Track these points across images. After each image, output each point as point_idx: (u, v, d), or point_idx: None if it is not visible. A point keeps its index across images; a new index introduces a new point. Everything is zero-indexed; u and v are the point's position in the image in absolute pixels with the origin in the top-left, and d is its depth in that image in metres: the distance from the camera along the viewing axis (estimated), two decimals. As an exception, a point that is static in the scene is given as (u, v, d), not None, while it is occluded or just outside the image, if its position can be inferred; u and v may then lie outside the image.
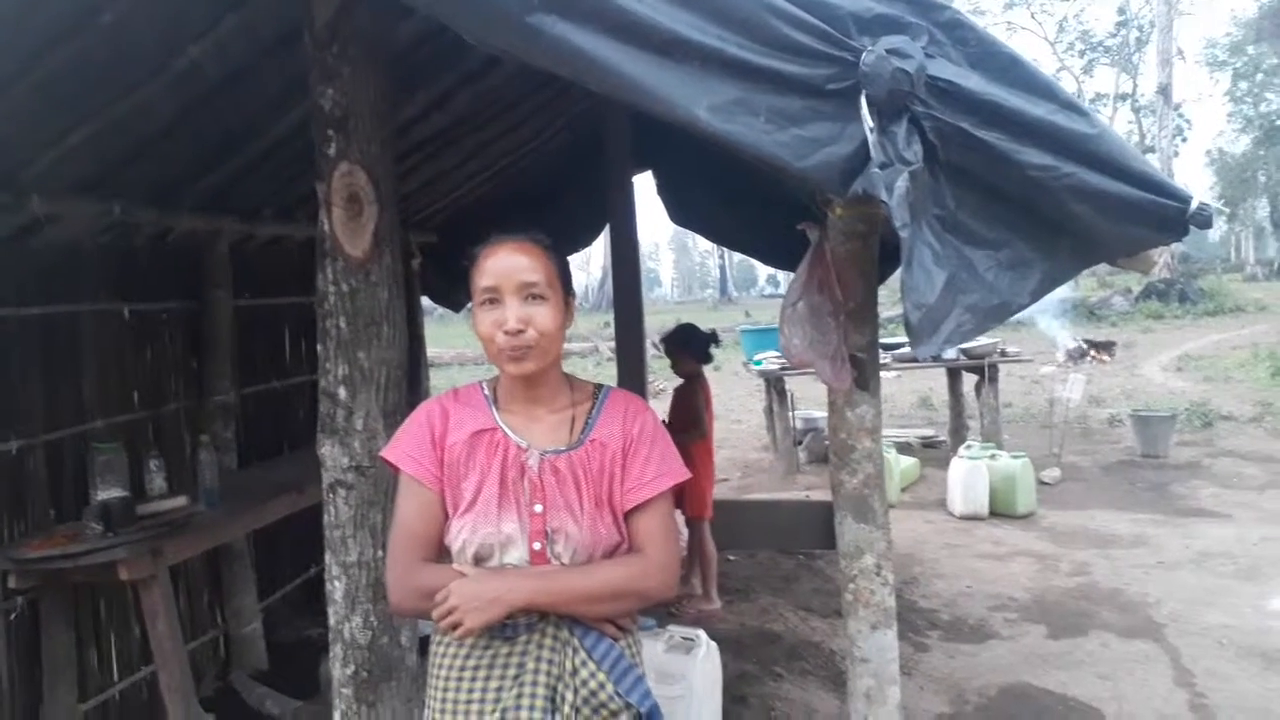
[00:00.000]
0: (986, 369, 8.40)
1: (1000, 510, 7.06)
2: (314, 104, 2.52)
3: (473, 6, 1.72)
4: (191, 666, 4.26)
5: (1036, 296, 1.84)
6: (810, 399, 10.79)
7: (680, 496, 5.17)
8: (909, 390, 13.27)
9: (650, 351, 7.54)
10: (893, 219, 1.62)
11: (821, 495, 7.16)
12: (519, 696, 1.72)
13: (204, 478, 3.73)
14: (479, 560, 1.74)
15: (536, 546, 1.74)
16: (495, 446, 1.78)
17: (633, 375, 6.70)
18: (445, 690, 1.76)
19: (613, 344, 8.23)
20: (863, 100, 1.66)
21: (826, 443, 6.29)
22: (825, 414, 5.96)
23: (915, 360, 9.11)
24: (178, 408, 4.36)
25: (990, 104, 1.69)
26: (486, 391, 1.87)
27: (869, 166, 1.68)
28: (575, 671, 1.74)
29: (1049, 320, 17.07)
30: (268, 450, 4.91)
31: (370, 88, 2.53)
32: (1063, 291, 20.54)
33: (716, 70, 1.71)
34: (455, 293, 7.17)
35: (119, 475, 3.38)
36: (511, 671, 1.74)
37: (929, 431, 10.13)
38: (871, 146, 1.68)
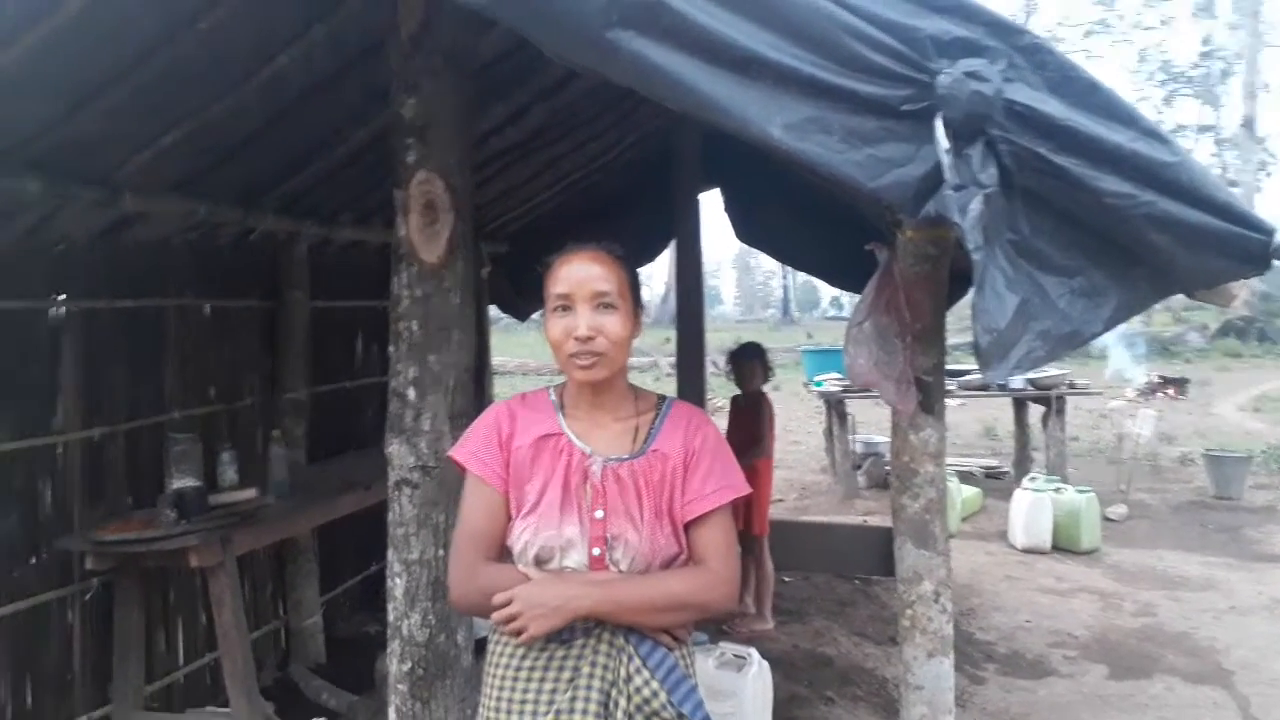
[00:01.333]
0: (1053, 400, 8.23)
1: (1063, 545, 6.90)
2: (395, 112, 2.59)
3: (553, 21, 1.76)
4: (254, 655, 4.40)
5: (1110, 326, 1.81)
6: (871, 422, 10.67)
7: (739, 513, 5.16)
8: (974, 419, 13.03)
9: (709, 369, 7.53)
10: (965, 242, 1.62)
11: (880, 520, 7.09)
12: (573, 700, 1.74)
13: (275, 471, 3.84)
14: (540, 563, 1.77)
15: (596, 552, 1.76)
16: (560, 451, 1.81)
17: (693, 390, 6.71)
18: (500, 690, 1.79)
19: (673, 359, 8.23)
20: (938, 122, 1.66)
21: (887, 468, 6.24)
22: (886, 438, 5.92)
23: (984, 388, 8.98)
24: (252, 403, 4.49)
25: (1068, 129, 1.68)
26: (554, 397, 1.90)
27: (943, 188, 1.68)
28: (629, 679, 1.75)
29: (1121, 353, 16.64)
30: (336, 448, 5.02)
31: (450, 98, 2.60)
32: (1135, 325, 20.03)
33: (792, 89, 1.73)
34: (523, 302, 7.28)
35: (193, 465, 3.49)
36: (567, 675, 1.76)
37: (993, 462, 9.94)
38: (945, 169, 1.68)
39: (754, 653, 3.42)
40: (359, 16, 3.13)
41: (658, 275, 37.51)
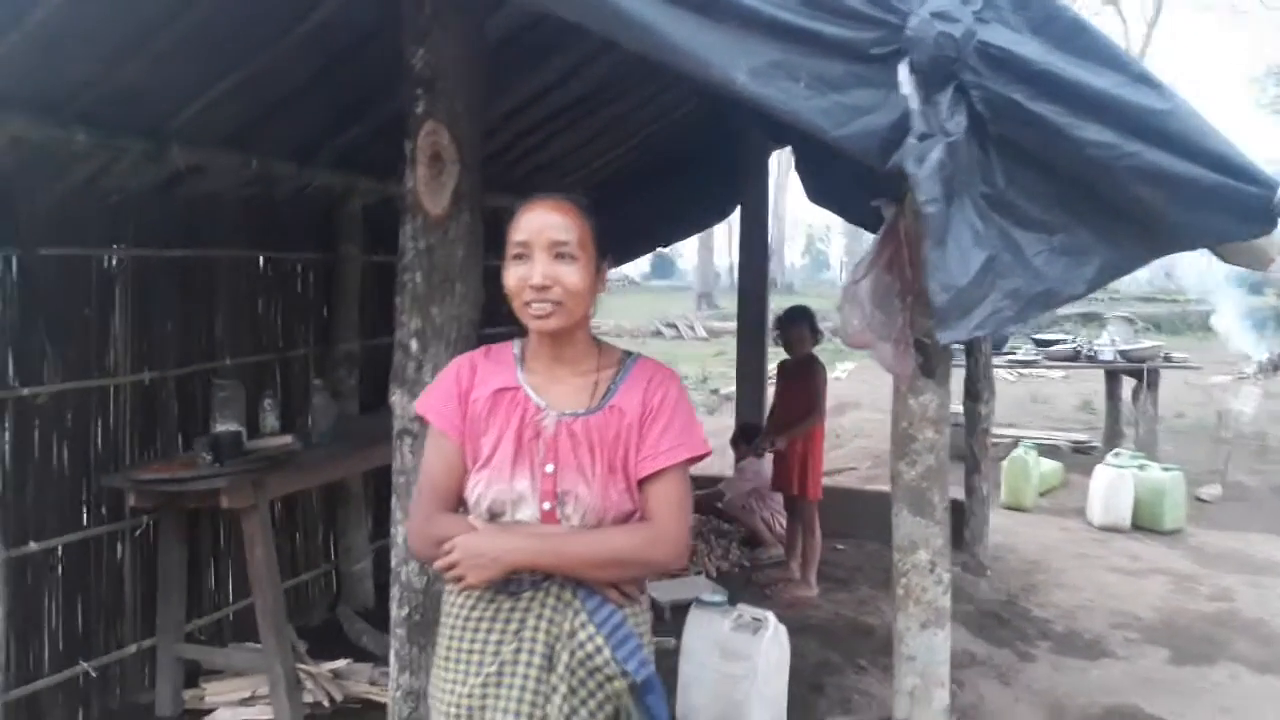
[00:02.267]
0: (1145, 374, 7.82)
1: (1144, 524, 6.59)
2: (406, 63, 2.60)
3: (514, -35, 1.73)
4: (304, 598, 4.58)
5: (1094, 286, 1.70)
6: (957, 393, 10.34)
7: (793, 476, 5.08)
8: (1073, 392, 12.53)
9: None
10: (916, 193, 1.53)
11: (953, 493, 6.89)
12: (517, 652, 1.75)
13: (317, 419, 3.96)
14: (493, 515, 1.77)
15: (546, 506, 1.75)
16: (515, 405, 1.80)
17: (753, 356, 6.64)
18: (450, 639, 1.81)
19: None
20: (902, 66, 1.57)
21: (968, 440, 6.05)
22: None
23: (1073, 358, 8.62)
24: (306, 353, 4.62)
25: (1048, 74, 1.56)
26: (516, 350, 1.89)
27: (908, 137, 1.59)
28: (574, 634, 1.75)
29: (1243, 327, 15.70)
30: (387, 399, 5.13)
31: (460, 50, 2.58)
32: (1255, 300, 18.80)
33: (756, 31, 1.66)
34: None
35: (235, 411, 3.62)
36: (513, 626, 1.76)
37: (1083, 436, 9.54)
38: (913, 116, 1.59)
39: (770, 616, 3.38)
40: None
41: (735, 241, 37.18)
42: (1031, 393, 12.83)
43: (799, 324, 5.05)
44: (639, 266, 44.04)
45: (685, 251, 42.56)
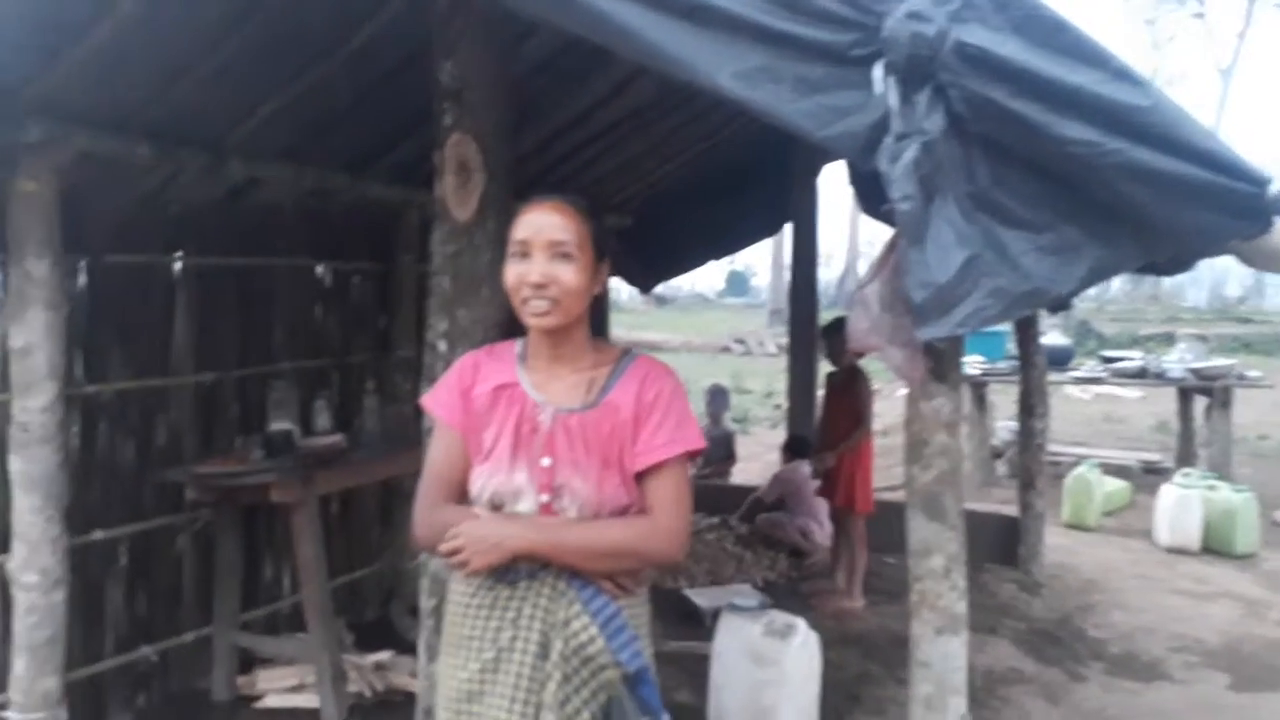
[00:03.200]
0: (1217, 392, 7.55)
1: (1214, 547, 6.36)
2: (434, 77, 2.71)
3: (512, -25, 1.81)
4: (359, 593, 4.73)
5: (1086, 285, 1.70)
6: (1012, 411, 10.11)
7: (840, 489, 5.05)
8: (1148, 412, 12.12)
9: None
10: (889, 191, 1.56)
11: (1012, 510, 6.74)
12: (513, 639, 1.81)
13: (367, 421, 4.10)
14: (494, 507, 1.84)
15: (544, 499, 1.81)
16: (514, 401, 1.87)
17: (803, 368, 6.63)
18: (453, 625, 1.89)
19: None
20: (876, 67, 1.60)
21: (1021, 456, 5.93)
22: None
23: (1140, 375, 8.38)
24: (364, 359, 4.79)
25: (1026, 72, 1.58)
26: (518, 349, 1.96)
27: (886, 137, 1.62)
28: (568, 623, 1.80)
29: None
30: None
31: (486, 63, 2.69)
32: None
33: (741, 36, 1.71)
34: (646, 275, 7.38)
35: (290, 411, 3.79)
36: (510, 615, 1.82)
37: (1155, 456, 9.23)
38: (891, 116, 1.62)
39: (801, 623, 3.38)
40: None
41: (837, 256, 36.87)
42: (1106, 412, 12.47)
43: (841, 334, 5.02)
44: (712, 283, 43.96)
45: (759, 268, 42.41)
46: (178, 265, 3.80)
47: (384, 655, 3.94)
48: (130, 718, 3.64)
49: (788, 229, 6.72)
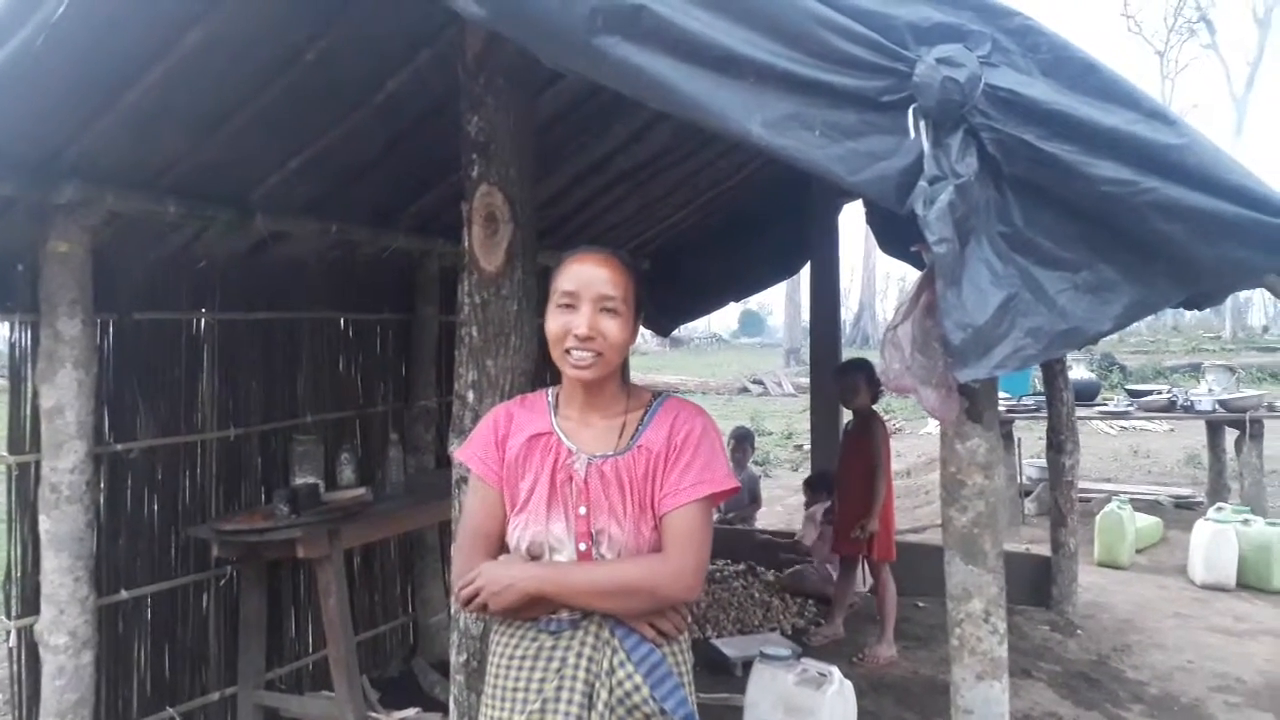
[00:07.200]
0: (1248, 424, 7.46)
1: (1251, 583, 6.24)
2: (462, 130, 2.74)
3: (543, 31, 1.83)
4: (381, 649, 4.69)
5: (1122, 323, 1.68)
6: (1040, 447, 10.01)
7: (863, 542, 4.93)
8: (1178, 447, 11.99)
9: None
10: (925, 233, 1.55)
11: (1042, 550, 6.65)
12: (558, 689, 1.79)
13: (391, 473, 4.09)
14: (532, 557, 1.83)
15: (583, 547, 1.81)
16: (549, 450, 1.87)
17: (825, 410, 6.60)
18: (497, 677, 1.87)
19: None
20: (910, 112, 1.60)
21: (1052, 494, 5.86)
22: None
23: (1168, 409, 8.30)
24: (385, 409, 4.79)
25: (1058, 113, 1.58)
26: (550, 398, 1.96)
27: (920, 180, 1.62)
28: (612, 671, 1.79)
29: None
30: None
31: (512, 115, 2.71)
32: None
33: (771, 85, 1.72)
34: (665, 318, 7.39)
35: (314, 465, 3.78)
36: (555, 665, 1.81)
37: (1186, 491, 9.11)
38: (925, 160, 1.62)
39: (835, 671, 3.32)
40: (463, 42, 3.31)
41: (853, 294, 36.87)
42: (1133, 446, 12.33)
43: (853, 375, 4.94)
44: (727, 324, 44.04)
45: (774, 309, 42.46)
46: (203, 321, 3.82)
47: (409, 713, 3.89)
48: (157, 779, 3.60)
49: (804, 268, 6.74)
